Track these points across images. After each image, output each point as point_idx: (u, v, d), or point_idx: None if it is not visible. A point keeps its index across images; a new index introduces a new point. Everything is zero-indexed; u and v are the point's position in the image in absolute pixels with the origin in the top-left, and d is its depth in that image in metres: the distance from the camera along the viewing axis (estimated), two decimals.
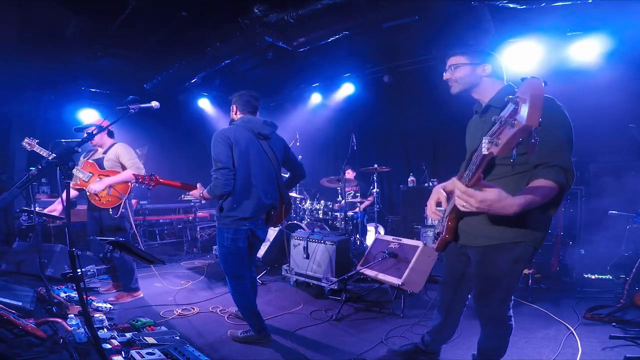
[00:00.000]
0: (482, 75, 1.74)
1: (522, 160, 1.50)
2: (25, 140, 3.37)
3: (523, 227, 1.55)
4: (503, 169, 1.59)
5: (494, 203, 1.31)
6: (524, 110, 0.97)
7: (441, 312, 2.11)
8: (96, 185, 3.27)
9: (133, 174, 2.74)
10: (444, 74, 1.84)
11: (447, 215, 1.72)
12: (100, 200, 3.37)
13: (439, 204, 1.85)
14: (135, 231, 3.58)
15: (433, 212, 1.80)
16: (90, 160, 3.50)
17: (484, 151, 1.12)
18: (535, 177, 1.46)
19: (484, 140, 1.12)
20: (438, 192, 1.83)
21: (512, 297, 1.75)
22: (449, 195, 1.80)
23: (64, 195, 1.88)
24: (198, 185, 2.58)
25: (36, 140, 3.39)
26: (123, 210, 3.39)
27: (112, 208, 3.37)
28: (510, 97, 1.05)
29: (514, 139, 1.02)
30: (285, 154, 2.79)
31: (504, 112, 1.06)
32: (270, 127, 2.65)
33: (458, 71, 1.78)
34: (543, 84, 0.99)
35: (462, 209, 1.39)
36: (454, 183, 1.39)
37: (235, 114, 2.68)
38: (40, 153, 3.33)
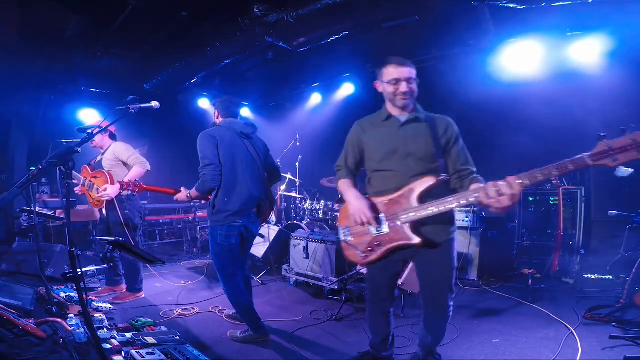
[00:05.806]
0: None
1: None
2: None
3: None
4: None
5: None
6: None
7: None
8: (110, 190, 3.26)
9: (118, 182, 2.75)
10: (405, 85, 1.76)
11: (403, 224, 1.78)
12: (93, 201, 3.40)
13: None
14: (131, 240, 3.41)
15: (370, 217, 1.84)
16: (86, 165, 3.54)
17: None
18: (472, 181, 1.75)
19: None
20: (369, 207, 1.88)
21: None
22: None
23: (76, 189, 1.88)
24: (182, 189, 2.66)
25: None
26: (127, 212, 3.37)
27: (99, 209, 3.38)
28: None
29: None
30: (265, 154, 2.87)
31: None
32: (251, 128, 2.77)
33: (415, 84, 1.81)
34: None
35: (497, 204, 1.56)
36: (510, 182, 1.54)
37: (217, 118, 2.80)
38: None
